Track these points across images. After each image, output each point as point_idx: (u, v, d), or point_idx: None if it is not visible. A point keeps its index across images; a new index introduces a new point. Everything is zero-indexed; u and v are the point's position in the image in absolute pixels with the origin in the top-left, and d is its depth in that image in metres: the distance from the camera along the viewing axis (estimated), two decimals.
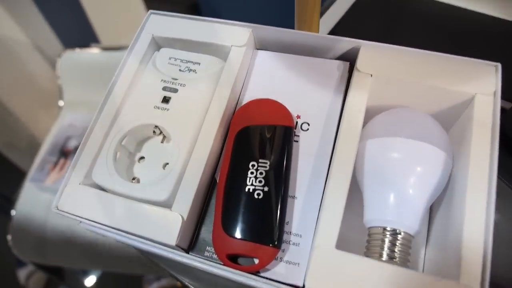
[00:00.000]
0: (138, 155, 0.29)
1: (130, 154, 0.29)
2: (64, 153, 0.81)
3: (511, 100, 0.36)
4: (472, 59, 0.26)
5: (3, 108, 1.18)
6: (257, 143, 0.27)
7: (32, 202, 0.79)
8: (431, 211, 0.30)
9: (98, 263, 0.83)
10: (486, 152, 0.24)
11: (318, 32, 0.34)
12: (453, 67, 0.26)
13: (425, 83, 0.26)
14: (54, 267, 1.03)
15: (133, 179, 0.28)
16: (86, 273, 1.15)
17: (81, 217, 0.26)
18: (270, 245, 0.24)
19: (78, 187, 0.27)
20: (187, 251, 0.26)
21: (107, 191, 0.27)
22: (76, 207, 0.26)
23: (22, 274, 1.09)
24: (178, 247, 0.24)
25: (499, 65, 0.26)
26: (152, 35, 0.32)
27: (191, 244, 0.26)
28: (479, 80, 0.26)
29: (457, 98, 0.26)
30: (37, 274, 1.10)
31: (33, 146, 1.32)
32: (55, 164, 0.80)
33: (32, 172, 0.82)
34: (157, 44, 0.33)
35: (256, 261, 0.24)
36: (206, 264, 0.24)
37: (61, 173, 0.77)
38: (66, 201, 0.27)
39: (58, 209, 0.26)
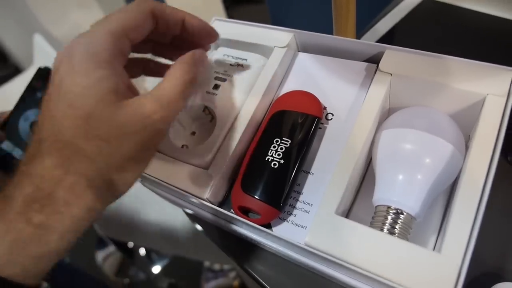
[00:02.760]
0: (190, 130, 0.36)
1: (184, 127, 0.36)
2: None
3: None
4: (488, 64, 0.28)
5: None
6: (285, 124, 0.31)
7: None
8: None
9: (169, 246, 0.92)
10: (488, 149, 0.26)
11: (354, 37, 0.38)
12: (469, 70, 0.29)
13: (440, 83, 0.29)
14: (128, 249, 1.16)
15: (183, 146, 0.34)
16: (153, 262, 1.26)
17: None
18: (274, 206, 0.28)
19: None
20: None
21: (162, 153, 0.33)
22: None
23: (100, 256, 1.23)
24: (208, 200, 0.29)
25: None
26: None
27: (222, 202, 0.31)
28: (493, 83, 0.28)
29: (471, 98, 0.29)
30: (112, 256, 1.24)
31: None
32: None
33: None
34: (217, 44, 0.39)
35: (259, 217, 0.28)
36: (223, 214, 0.29)
37: None
38: None
39: None
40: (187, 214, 0.41)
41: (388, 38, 0.50)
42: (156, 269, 1.27)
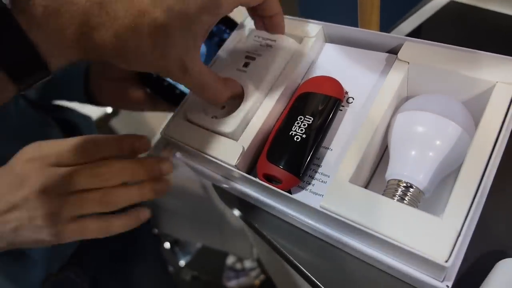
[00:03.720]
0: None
1: None
2: None
3: None
4: (497, 55, 0.31)
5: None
6: (309, 104, 0.35)
7: None
8: None
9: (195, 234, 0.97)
10: (492, 134, 0.28)
11: (377, 30, 0.41)
12: (480, 60, 0.31)
13: (453, 71, 0.32)
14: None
15: (213, 117, 0.38)
16: (176, 256, 1.32)
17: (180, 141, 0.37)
18: (295, 174, 0.31)
19: (180, 122, 0.38)
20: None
21: (194, 124, 0.37)
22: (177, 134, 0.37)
23: None
24: (237, 167, 0.33)
25: None
26: (248, 28, 0.43)
27: (248, 172, 0.35)
28: (502, 71, 0.30)
29: (481, 86, 0.31)
30: None
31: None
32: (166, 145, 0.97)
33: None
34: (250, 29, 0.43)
35: (281, 183, 0.32)
36: (249, 179, 0.32)
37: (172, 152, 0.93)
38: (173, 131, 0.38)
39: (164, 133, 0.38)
40: (215, 188, 0.45)
41: (414, 35, 0.52)
42: (180, 263, 1.32)
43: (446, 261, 0.24)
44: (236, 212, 0.43)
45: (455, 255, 0.24)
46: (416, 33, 0.53)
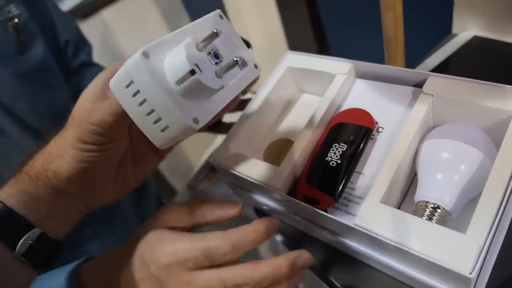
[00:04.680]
0: None
1: None
2: (214, 168, 1.03)
3: None
4: None
5: None
6: (342, 133, 0.39)
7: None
8: None
9: None
10: (510, 163, 0.31)
11: (403, 66, 0.45)
12: (498, 92, 0.34)
13: (474, 102, 0.35)
14: None
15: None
16: None
17: (227, 167, 0.41)
18: (331, 195, 0.35)
19: (227, 150, 0.43)
20: None
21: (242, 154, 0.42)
22: (225, 161, 0.42)
23: None
24: (279, 189, 0.37)
25: None
26: (287, 65, 0.48)
27: (289, 193, 0.39)
28: None
29: (500, 115, 0.34)
30: None
31: (188, 170, 1.63)
32: (206, 176, 1.03)
33: (189, 181, 1.06)
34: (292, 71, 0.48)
35: (319, 204, 0.35)
36: (290, 200, 0.36)
37: (211, 182, 0.99)
38: (221, 158, 0.43)
39: (213, 160, 0.43)
40: (256, 211, 0.49)
41: (441, 68, 0.56)
42: None
43: (470, 273, 0.27)
44: (278, 237, 0.46)
45: (478, 267, 0.27)
46: (442, 67, 0.57)
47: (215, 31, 0.26)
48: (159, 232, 0.31)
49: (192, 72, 0.25)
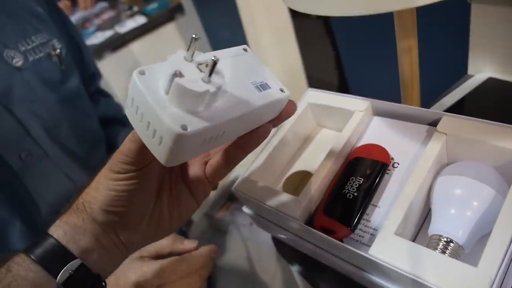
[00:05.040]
0: None
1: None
2: (232, 197, 1.05)
3: None
4: None
5: None
6: (359, 167, 0.41)
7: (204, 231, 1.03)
8: None
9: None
10: None
11: (418, 106, 0.47)
12: (508, 133, 0.36)
13: (485, 142, 0.37)
14: None
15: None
16: None
17: (248, 195, 0.44)
18: (347, 226, 0.37)
19: (249, 179, 0.46)
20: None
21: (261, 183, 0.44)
22: (246, 190, 0.45)
23: None
24: (297, 219, 0.39)
25: None
26: (308, 102, 0.51)
27: (307, 222, 0.41)
28: None
29: (511, 154, 0.36)
30: None
31: (206, 202, 1.66)
32: (224, 205, 1.05)
33: (206, 209, 1.08)
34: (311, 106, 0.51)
35: (335, 234, 0.37)
36: (308, 229, 0.38)
37: (228, 212, 1.00)
38: (243, 187, 0.45)
39: (235, 189, 0.45)
40: (273, 240, 0.50)
41: (456, 107, 0.58)
42: None
43: None
44: (295, 268, 0.48)
45: None
46: (457, 106, 0.59)
47: (213, 58, 0.26)
48: (131, 260, 0.43)
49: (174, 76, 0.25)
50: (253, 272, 0.98)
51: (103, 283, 0.31)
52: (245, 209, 0.49)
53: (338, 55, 1.14)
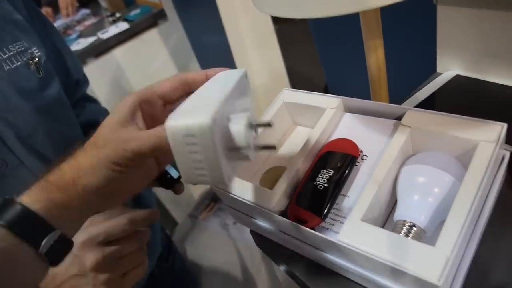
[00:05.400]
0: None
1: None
2: (215, 198, 1.06)
3: None
4: (481, 119, 0.38)
5: None
6: (330, 160, 0.43)
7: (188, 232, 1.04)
8: None
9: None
10: (478, 179, 0.35)
11: (387, 102, 0.50)
12: (468, 124, 0.39)
13: (446, 133, 0.40)
14: None
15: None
16: None
17: (226, 191, 0.46)
18: (318, 215, 0.39)
19: None
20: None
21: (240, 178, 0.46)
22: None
23: None
24: (272, 210, 0.41)
25: (504, 125, 0.38)
26: (283, 101, 0.53)
27: (282, 214, 0.43)
28: (485, 133, 0.38)
29: (469, 144, 0.39)
30: None
31: (189, 203, 1.66)
32: (207, 206, 1.06)
33: (190, 210, 1.09)
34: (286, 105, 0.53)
35: (307, 223, 0.39)
36: (283, 219, 0.40)
37: (211, 212, 1.02)
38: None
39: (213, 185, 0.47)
40: (252, 234, 0.52)
41: (426, 103, 0.61)
42: None
43: (439, 280, 0.30)
44: (281, 268, 0.50)
45: (445, 275, 0.31)
46: (427, 102, 0.62)
47: (269, 122, 0.35)
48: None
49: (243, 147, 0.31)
50: (237, 269, 1.00)
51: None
52: (224, 204, 0.51)
53: (317, 56, 1.17)
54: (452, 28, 0.62)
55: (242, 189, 0.45)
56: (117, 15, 1.68)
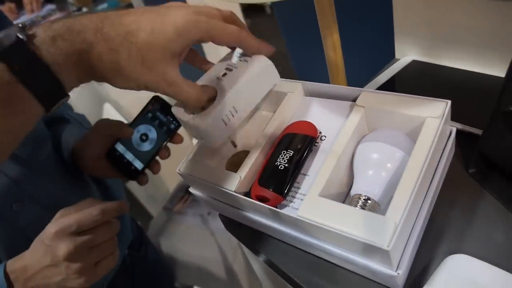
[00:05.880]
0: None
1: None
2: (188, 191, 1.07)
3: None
4: (427, 97, 0.41)
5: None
6: (290, 141, 0.45)
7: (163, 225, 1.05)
8: None
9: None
10: (424, 152, 0.37)
11: (345, 85, 0.52)
12: (416, 103, 0.41)
13: (396, 111, 0.42)
14: None
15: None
16: None
17: (192, 175, 0.47)
18: (279, 194, 0.41)
19: (192, 162, 0.48)
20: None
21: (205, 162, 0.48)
22: (191, 171, 0.47)
23: None
24: (236, 192, 0.43)
25: (449, 101, 0.40)
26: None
27: (246, 195, 0.44)
28: (431, 109, 0.40)
29: (417, 120, 0.41)
30: None
31: (164, 197, 1.66)
32: (181, 198, 1.07)
33: (164, 202, 1.10)
34: None
35: (269, 201, 0.41)
36: (246, 199, 0.42)
37: (186, 204, 1.03)
38: (187, 168, 0.48)
39: (180, 171, 0.48)
40: (221, 218, 0.54)
41: (385, 86, 0.64)
42: None
43: (388, 246, 0.33)
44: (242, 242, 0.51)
45: (394, 241, 0.33)
46: (386, 86, 0.64)
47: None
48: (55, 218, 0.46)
49: None
50: (213, 261, 1.01)
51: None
52: (192, 190, 0.52)
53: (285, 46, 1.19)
54: (407, 15, 0.65)
55: (207, 173, 0.46)
56: (84, 9, 1.65)
